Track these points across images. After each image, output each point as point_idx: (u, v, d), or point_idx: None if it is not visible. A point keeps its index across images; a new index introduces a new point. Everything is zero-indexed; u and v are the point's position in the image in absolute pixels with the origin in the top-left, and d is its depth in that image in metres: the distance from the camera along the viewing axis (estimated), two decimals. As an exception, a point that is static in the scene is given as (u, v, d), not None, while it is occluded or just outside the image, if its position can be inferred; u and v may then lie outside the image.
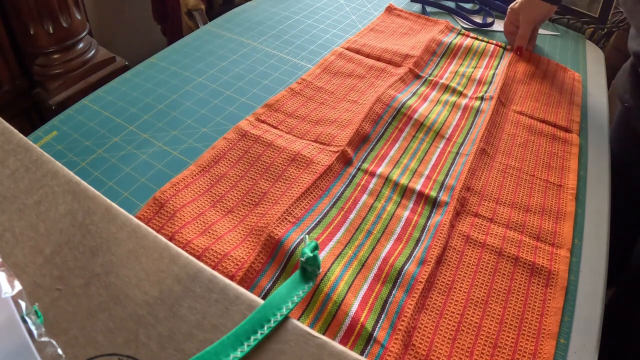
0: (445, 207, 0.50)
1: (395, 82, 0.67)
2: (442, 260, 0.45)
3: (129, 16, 1.42)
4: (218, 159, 0.53)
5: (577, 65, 0.83)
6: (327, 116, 0.61)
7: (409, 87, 0.68)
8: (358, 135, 0.57)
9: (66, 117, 0.59)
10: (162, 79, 0.68)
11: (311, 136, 0.57)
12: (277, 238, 0.44)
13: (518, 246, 0.48)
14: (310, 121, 0.60)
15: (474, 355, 0.39)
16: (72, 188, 0.32)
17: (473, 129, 0.61)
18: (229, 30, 0.81)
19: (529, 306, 0.43)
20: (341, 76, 0.69)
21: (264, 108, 0.60)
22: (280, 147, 0.55)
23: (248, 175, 0.52)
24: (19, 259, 0.29)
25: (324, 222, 0.47)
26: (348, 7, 0.93)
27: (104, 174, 0.52)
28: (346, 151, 0.55)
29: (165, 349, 0.26)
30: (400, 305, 0.41)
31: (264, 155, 0.54)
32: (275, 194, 0.49)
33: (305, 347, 0.27)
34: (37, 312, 0.26)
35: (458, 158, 0.57)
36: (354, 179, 0.53)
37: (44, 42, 0.92)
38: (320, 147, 0.56)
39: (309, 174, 0.52)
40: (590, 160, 0.62)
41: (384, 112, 0.62)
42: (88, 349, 0.25)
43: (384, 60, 0.73)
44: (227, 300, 0.28)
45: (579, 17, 0.95)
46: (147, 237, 0.31)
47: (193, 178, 0.51)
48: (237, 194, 0.50)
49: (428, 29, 0.84)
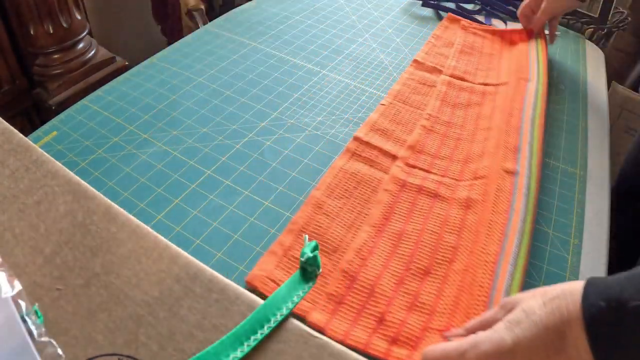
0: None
1: (515, 95, 0.66)
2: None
3: (129, 16, 1.42)
4: (389, 215, 0.50)
5: (577, 65, 0.83)
6: (472, 151, 0.59)
7: (528, 92, 0.67)
8: (509, 148, 0.56)
9: (66, 117, 0.59)
10: (162, 79, 0.68)
11: (468, 175, 0.55)
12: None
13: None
14: (459, 160, 0.58)
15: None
16: (72, 188, 0.33)
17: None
18: (229, 30, 0.81)
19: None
20: (461, 107, 0.67)
21: (407, 151, 0.58)
22: (448, 197, 0.52)
23: (427, 229, 0.49)
24: (19, 259, 0.29)
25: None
26: (348, 7, 0.93)
27: (104, 174, 0.52)
28: (507, 167, 0.53)
29: (165, 349, 0.26)
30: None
31: (435, 207, 0.51)
32: (466, 246, 0.47)
33: (305, 347, 0.27)
34: (37, 312, 0.26)
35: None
36: (530, 193, 0.51)
37: (44, 42, 0.92)
38: (485, 181, 0.53)
39: (495, 214, 0.49)
40: (590, 159, 0.62)
41: (522, 122, 0.61)
42: (88, 349, 0.25)
43: (492, 84, 0.72)
44: (227, 300, 0.28)
45: (579, 17, 0.95)
46: (147, 237, 0.31)
47: (374, 241, 0.47)
48: (427, 252, 0.46)
49: (504, 41, 0.83)
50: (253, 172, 0.54)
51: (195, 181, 0.52)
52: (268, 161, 0.56)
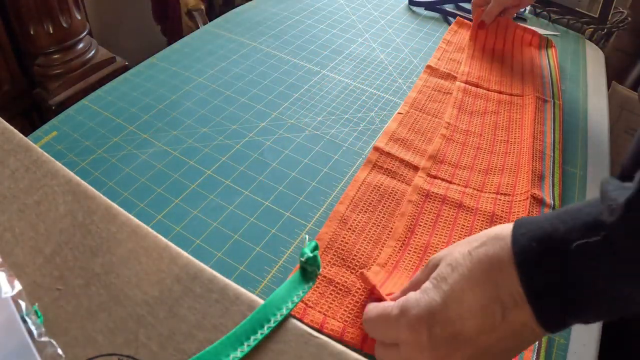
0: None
1: (536, 114, 0.66)
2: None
3: (129, 16, 1.42)
4: (413, 227, 0.49)
5: (577, 65, 0.83)
6: (493, 163, 0.59)
7: (546, 115, 0.68)
8: (536, 174, 0.56)
9: (66, 117, 0.59)
10: (162, 79, 0.68)
11: (491, 188, 0.55)
12: None
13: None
14: (480, 171, 0.58)
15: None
16: (72, 188, 0.33)
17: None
18: (229, 30, 0.81)
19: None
20: (477, 115, 0.67)
21: (429, 161, 0.57)
22: (472, 207, 0.52)
23: (453, 241, 0.48)
24: (19, 259, 0.29)
25: None
26: (348, 7, 0.93)
27: (104, 174, 0.52)
28: (535, 194, 0.53)
29: (165, 349, 0.26)
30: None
31: (459, 217, 0.51)
32: None
33: (305, 347, 0.27)
34: (37, 312, 0.26)
35: None
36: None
37: (44, 42, 0.92)
38: (509, 198, 0.54)
39: None
40: (590, 159, 0.62)
41: (544, 147, 0.61)
42: (88, 349, 0.25)
43: (507, 93, 0.72)
44: (227, 300, 0.28)
45: (579, 17, 0.95)
46: (147, 237, 0.31)
47: (397, 256, 0.46)
48: None
49: (515, 43, 0.84)
50: (253, 172, 0.54)
51: (195, 181, 0.52)
52: (268, 161, 0.56)
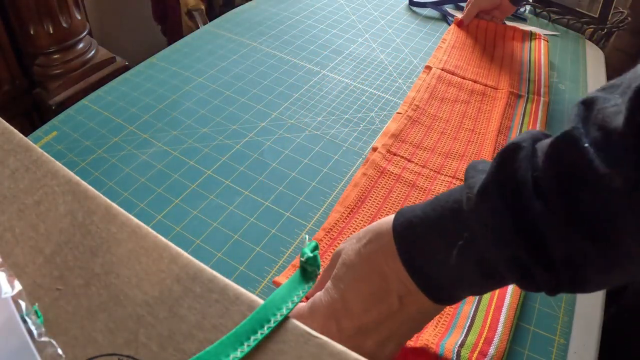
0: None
1: (505, 109, 0.68)
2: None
3: (129, 16, 1.42)
4: (364, 198, 0.52)
5: (577, 65, 0.83)
6: (455, 149, 0.61)
7: (516, 110, 0.69)
8: None
9: (66, 117, 0.59)
10: (162, 79, 0.68)
11: (448, 171, 0.57)
12: None
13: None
14: (441, 154, 0.59)
15: None
16: (72, 188, 0.32)
17: None
18: (229, 30, 0.81)
19: None
20: (448, 102, 0.68)
21: (391, 139, 0.60)
22: (425, 188, 0.54)
23: None
24: (19, 259, 0.29)
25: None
26: (348, 7, 0.93)
27: (104, 174, 0.52)
28: None
29: (165, 349, 0.26)
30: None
31: (410, 196, 0.53)
32: None
33: (305, 347, 0.27)
34: (37, 312, 0.26)
35: None
36: None
37: (44, 42, 0.92)
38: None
39: None
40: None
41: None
42: (88, 349, 0.25)
43: (481, 83, 0.73)
44: (227, 300, 0.28)
45: (579, 17, 0.95)
46: (147, 237, 0.31)
47: (345, 222, 0.49)
48: None
49: (506, 39, 0.85)
50: (253, 172, 0.54)
51: (195, 181, 0.52)
52: (268, 161, 0.56)
